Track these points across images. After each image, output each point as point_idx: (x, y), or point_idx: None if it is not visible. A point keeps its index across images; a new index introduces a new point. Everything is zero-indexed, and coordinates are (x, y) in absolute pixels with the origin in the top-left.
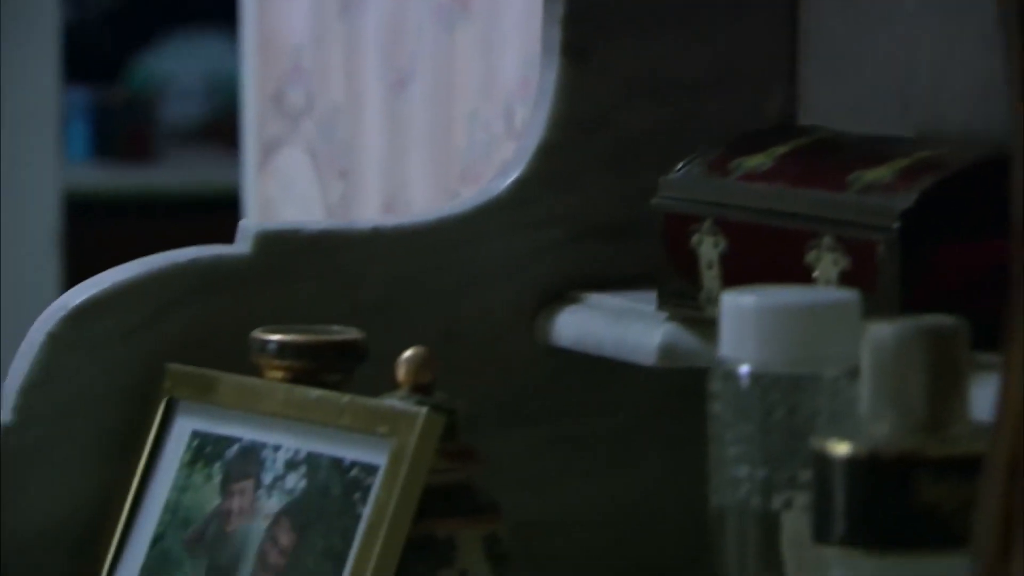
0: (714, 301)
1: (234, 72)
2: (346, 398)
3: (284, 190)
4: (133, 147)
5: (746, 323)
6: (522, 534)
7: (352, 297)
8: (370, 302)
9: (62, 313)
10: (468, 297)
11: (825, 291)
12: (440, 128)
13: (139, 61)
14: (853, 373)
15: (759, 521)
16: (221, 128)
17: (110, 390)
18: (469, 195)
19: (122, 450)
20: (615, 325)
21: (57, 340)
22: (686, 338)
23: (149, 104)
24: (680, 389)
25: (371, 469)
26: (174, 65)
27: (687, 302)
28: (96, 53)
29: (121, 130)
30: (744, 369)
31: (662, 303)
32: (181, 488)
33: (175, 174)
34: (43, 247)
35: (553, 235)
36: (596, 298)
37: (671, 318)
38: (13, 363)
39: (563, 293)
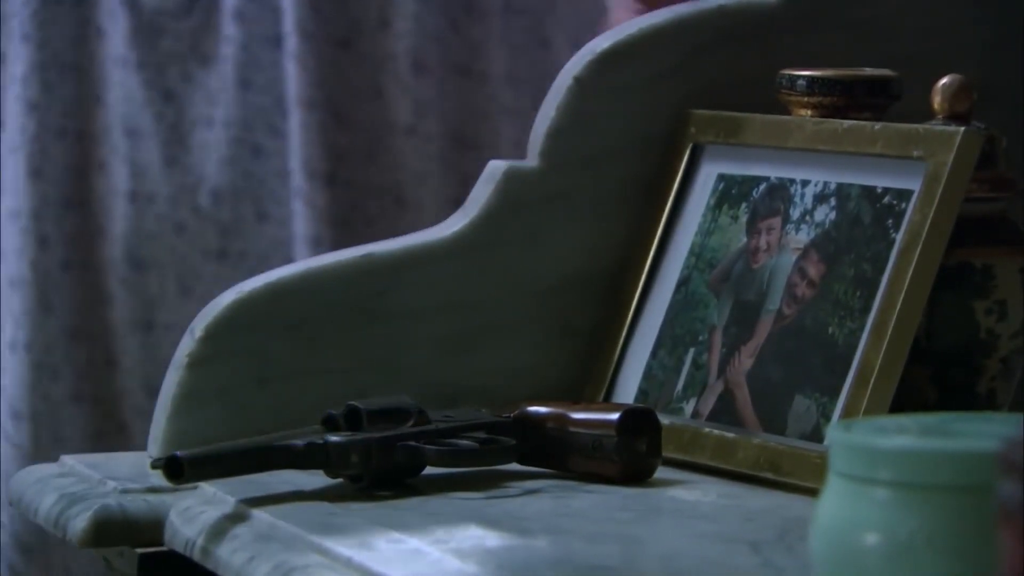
0: None
1: None
2: (878, 125)
3: None
4: None
5: None
6: None
7: (882, 49)
8: (901, 55)
9: (589, 58)
10: (1010, 50)
11: None
12: None
13: None
14: None
15: None
16: None
17: (635, 136)
18: None
19: (647, 196)
20: None
21: (583, 85)
22: None
23: None
24: None
25: (904, 194)
26: None
27: None
28: None
29: None
30: None
31: None
32: (706, 231)
33: None
34: None
35: None
36: None
37: None
38: (541, 108)
39: None
